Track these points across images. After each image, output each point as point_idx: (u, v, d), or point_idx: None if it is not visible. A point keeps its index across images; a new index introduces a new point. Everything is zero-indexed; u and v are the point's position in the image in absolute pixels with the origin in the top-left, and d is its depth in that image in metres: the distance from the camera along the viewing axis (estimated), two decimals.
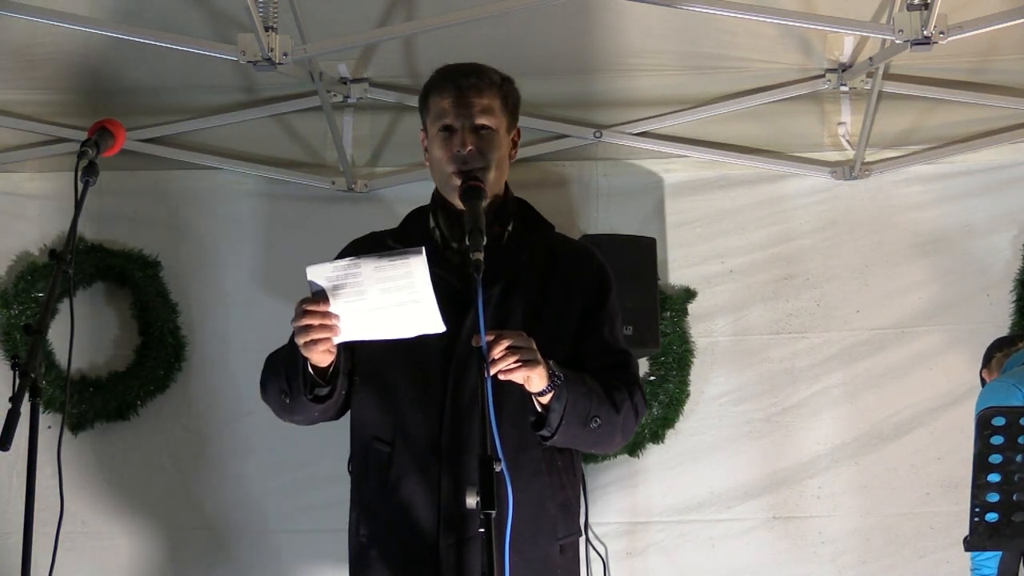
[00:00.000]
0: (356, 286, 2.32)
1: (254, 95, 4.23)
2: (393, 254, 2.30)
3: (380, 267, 2.29)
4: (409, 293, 2.29)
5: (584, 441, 2.55)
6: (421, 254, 2.27)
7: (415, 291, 2.29)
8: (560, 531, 2.58)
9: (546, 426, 2.44)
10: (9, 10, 3.46)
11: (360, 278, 2.31)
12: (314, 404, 2.50)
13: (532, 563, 2.53)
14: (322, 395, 2.49)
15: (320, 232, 4.22)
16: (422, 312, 2.30)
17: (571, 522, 2.63)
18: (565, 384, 2.42)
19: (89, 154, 2.51)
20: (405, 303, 2.30)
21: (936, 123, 4.23)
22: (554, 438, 2.46)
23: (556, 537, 2.57)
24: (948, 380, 4.13)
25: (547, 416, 2.43)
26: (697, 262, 4.27)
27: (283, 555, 4.19)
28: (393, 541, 2.56)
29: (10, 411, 2.13)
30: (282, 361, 2.51)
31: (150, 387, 4.25)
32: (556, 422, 2.43)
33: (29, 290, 4.23)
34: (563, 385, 2.41)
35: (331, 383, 2.48)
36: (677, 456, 4.19)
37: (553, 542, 2.57)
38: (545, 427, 2.44)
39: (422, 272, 2.28)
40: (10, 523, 3.93)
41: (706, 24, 3.80)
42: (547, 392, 2.40)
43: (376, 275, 2.30)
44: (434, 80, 2.66)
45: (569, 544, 2.62)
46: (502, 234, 2.62)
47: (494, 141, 2.58)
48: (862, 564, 4.11)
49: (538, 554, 2.54)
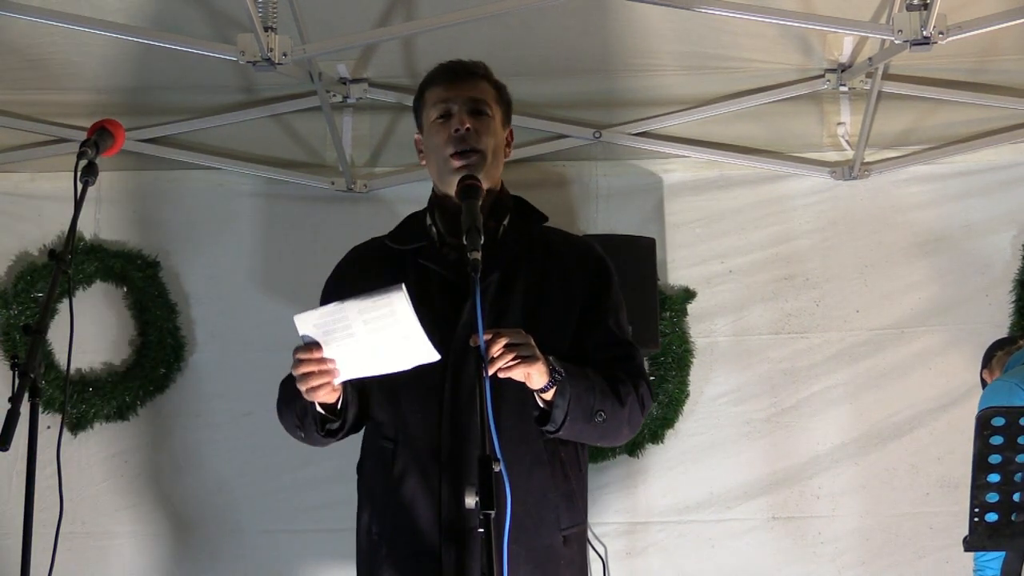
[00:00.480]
0: (345, 329, 2.33)
1: (254, 95, 4.23)
2: (374, 293, 2.31)
3: (363, 308, 2.31)
4: (396, 329, 2.30)
5: (590, 435, 2.56)
6: (401, 290, 2.28)
7: (401, 326, 2.30)
8: (564, 522, 2.58)
9: (550, 422, 2.45)
10: (9, 10, 3.46)
11: (347, 321, 2.33)
12: (327, 438, 2.58)
13: (535, 554, 2.53)
14: (333, 429, 2.55)
15: (320, 232, 4.23)
16: (413, 345, 2.32)
17: (575, 513, 2.62)
18: (567, 379, 2.42)
19: (88, 154, 2.51)
20: (395, 339, 2.31)
21: (936, 123, 4.23)
22: (559, 433, 2.47)
23: (559, 528, 2.57)
24: (948, 380, 4.13)
25: (551, 412, 2.44)
26: (697, 262, 4.27)
27: (284, 555, 4.19)
28: (401, 538, 2.56)
29: (10, 411, 2.13)
30: (293, 397, 2.53)
31: (150, 387, 4.25)
32: (560, 418, 2.44)
33: (29, 290, 4.24)
34: (565, 380, 2.42)
35: (341, 416, 2.53)
36: (677, 456, 4.19)
37: (556, 533, 2.57)
38: (549, 423, 2.45)
39: (404, 307, 2.28)
40: (10, 523, 3.93)
41: (706, 24, 3.80)
42: (548, 388, 2.41)
43: (361, 317, 2.31)
44: (428, 77, 2.70)
45: (573, 535, 2.62)
46: (497, 229, 2.63)
47: (490, 126, 2.61)
48: (862, 564, 4.11)
49: (541, 545, 2.55)
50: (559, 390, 2.41)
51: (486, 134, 2.60)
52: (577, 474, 2.64)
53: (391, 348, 2.33)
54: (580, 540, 2.67)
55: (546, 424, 2.46)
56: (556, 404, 2.42)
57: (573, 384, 2.43)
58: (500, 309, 2.57)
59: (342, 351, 2.36)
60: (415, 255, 2.65)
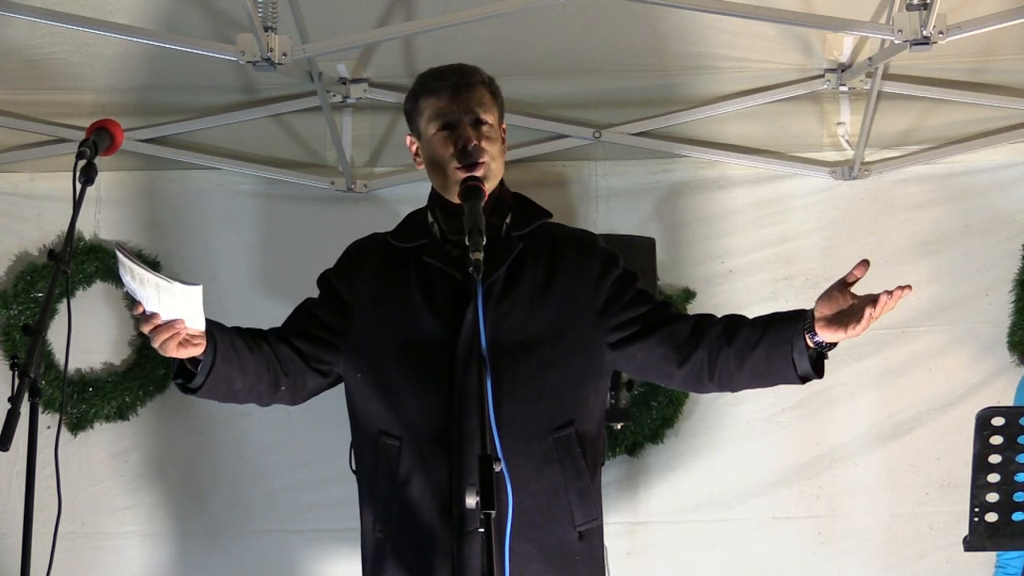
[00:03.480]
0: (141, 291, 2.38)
1: (253, 95, 4.23)
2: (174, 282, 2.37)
3: (161, 287, 2.37)
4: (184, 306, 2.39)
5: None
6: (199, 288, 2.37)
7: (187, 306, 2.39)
8: (578, 518, 2.58)
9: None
10: (9, 10, 3.46)
11: (145, 291, 2.37)
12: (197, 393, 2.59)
13: (549, 551, 2.53)
14: (192, 386, 2.56)
15: (319, 232, 4.22)
16: (170, 287, 2.36)
17: (590, 508, 2.61)
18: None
19: (87, 154, 2.52)
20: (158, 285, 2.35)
21: (936, 123, 4.23)
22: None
23: (574, 524, 2.57)
24: (948, 380, 4.13)
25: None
26: (697, 262, 4.27)
27: (284, 555, 4.19)
28: (407, 536, 2.56)
29: (9, 411, 2.14)
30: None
31: (150, 387, 4.25)
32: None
33: (28, 290, 4.23)
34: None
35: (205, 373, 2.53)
36: (677, 456, 4.19)
37: (571, 529, 2.57)
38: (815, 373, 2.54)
39: (196, 299, 2.38)
40: (9, 523, 3.93)
41: (706, 24, 3.80)
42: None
43: (158, 294, 2.37)
44: (423, 82, 2.70)
45: (589, 531, 2.61)
46: (500, 226, 2.64)
47: (492, 135, 2.62)
48: (862, 564, 4.10)
49: (554, 542, 2.54)
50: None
51: (488, 143, 2.60)
52: (592, 470, 2.64)
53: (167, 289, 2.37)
54: (597, 535, 2.67)
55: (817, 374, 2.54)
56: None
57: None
58: (505, 308, 2.57)
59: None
60: (418, 252, 2.66)
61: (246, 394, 2.64)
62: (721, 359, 2.59)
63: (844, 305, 2.47)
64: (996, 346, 4.13)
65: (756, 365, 2.57)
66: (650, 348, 2.64)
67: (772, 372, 2.57)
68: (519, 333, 2.57)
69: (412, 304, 2.62)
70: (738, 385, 2.65)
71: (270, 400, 2.70)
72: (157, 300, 2.36)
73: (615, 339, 2.65)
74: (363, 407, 2.65)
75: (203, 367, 2.50)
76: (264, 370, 2.62)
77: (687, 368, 2.62)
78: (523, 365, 2.55)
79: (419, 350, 2.58)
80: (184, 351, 2.45)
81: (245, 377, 2.58)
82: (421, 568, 2.54)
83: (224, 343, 2.52)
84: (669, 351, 2.63)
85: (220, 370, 2.52)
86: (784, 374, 2.55)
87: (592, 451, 2.65)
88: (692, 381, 2.66)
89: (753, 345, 2.56)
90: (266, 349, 2.63)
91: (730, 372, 2.60)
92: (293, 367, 2.66)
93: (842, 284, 2.48)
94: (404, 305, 2.63)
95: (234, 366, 2.55)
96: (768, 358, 2.54)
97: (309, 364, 2.68)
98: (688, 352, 2.62)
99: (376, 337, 2.63)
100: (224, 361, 2.52)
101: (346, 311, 2.68)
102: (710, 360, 2.60)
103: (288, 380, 2.66)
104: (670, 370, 2.65)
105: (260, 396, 2.67)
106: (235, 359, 2.55)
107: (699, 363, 2.61)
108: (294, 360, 2.66)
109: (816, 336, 2.48)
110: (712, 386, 2.65)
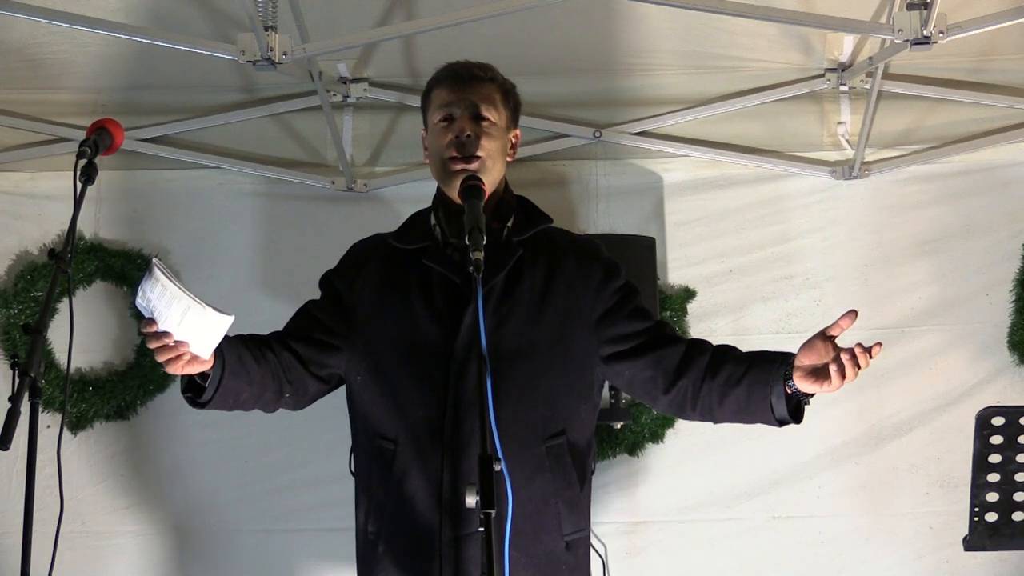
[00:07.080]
0: (164, 312, 2.37)
1: (254, 94, 4.23)
2: (206, 307, 2.37)
3: (187, 310, 2.37)
4: (205, 330, 2.36)
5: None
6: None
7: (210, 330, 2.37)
8: (566, 527, 2.58)
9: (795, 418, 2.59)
10: (10, 10, 3.46)
11: (168, 312, 2.36)
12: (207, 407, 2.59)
13: (536, 560, 2.53)
14: (201, 400, 2.55)
15: (320, 232, 4.23)
16: (203, 312, 2.35)
17: (578, 518, 2.62)
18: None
19: (88, 154, 2.52)
20: (190, 307, 2.35)
21: (936, 123, 4.23)
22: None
23: (561, 533, 2.57)
24: (948, 380, 4.13)
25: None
26: (697, 262, 4.27)
27: (284, 555, 4.19)
28: (399, 537, 2.56)
29: (10, 411, 2.14)
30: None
31: (150, 387, 4.25)
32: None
33: (29, 290, 4.23)
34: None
35: (214, 388, 2.53)
36: (677, 456, 4.18)
37: (558, 539, 2.57)
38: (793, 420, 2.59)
39: (221, 326, 2.35)
40: (10, 523, 3.93)
41: (706, 24, 3.80)
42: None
43: (183, 317, 2.36)
44: (436, 75, 2.71)
45: (575, 541, 2.62)
46: (501, 230, 2.63)
47: (492, 132, 2.62)
48: (862, 564, 4.10)
49: (542, 551, 2.55)
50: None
51: (486, 139, 2.60)
52: (582, 480, 2.64)
53: (193, 316, 2.37)
54: (583, 546, 2.67)
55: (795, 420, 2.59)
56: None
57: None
58: (504, 313, 2.57)
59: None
60: (418, 255, 2.65)
61: (252, 403, 2.65)
62: (703, 391, 2.61)
63: (826, 357, 2.48)
64: (996, 346, 4.13)
65: (736, 402, 2.60)
66: (639, 370, 2.66)
67: (751, 411, 2.60)
68: (516, 339, 2.57)
69: (411, 307, 2.62)
70: (719, 418, 2.67)
71: (275, 406, 2.71)
72: (179, 320, 2.34)
73: (607, 353, 2.66)
74: (362, 410, 2.66)
75: (212, 382, 2.51)
76: (270, 379, 2.63)
77: (672, 395, 2.65)
78: (519, 371, 2.55)
79: (416, 353, 2.58)
80: (192, 367, 2.44)
81: (252, 388, 2.60)
82: (414, 568, 2.55)
83: (232, 357, 2.53)
84: (657, 375, 2.65)
85: (228, 384, 2.53)
86: (762, 416, 2.58)
87: (582, 462, 2.65)
88: (676, 407, 2.70)
89: (735, 382, 2.58)
90: (271, 358, 2.63)
91: (711, 405, 2.62)
92: (296, 374, 2.67)
93: (824, 335, 2.47)
94: (403, 308, 2.63)
95: (242, 379, 2.56)
96: (748, 397, 2.57)
97: (310, 370, 2.68)
98: (674, 379, 2.64)
99: (376, 339, 2.63)
100: (232, 375, 2.53)
101: (347, 313, 2.68)
102: (693, 391, 2.62)
103: (291, 387, 2.67)
104: (656, 394, 2.68)
105: (266, 404, 2.68)
106: (243, 372, 2.56)
107: (683, 392, 2.64)
108: (296, 367, 2.67)
109: (794, 385, 2.49)
110: (694, 415, 2.68)
